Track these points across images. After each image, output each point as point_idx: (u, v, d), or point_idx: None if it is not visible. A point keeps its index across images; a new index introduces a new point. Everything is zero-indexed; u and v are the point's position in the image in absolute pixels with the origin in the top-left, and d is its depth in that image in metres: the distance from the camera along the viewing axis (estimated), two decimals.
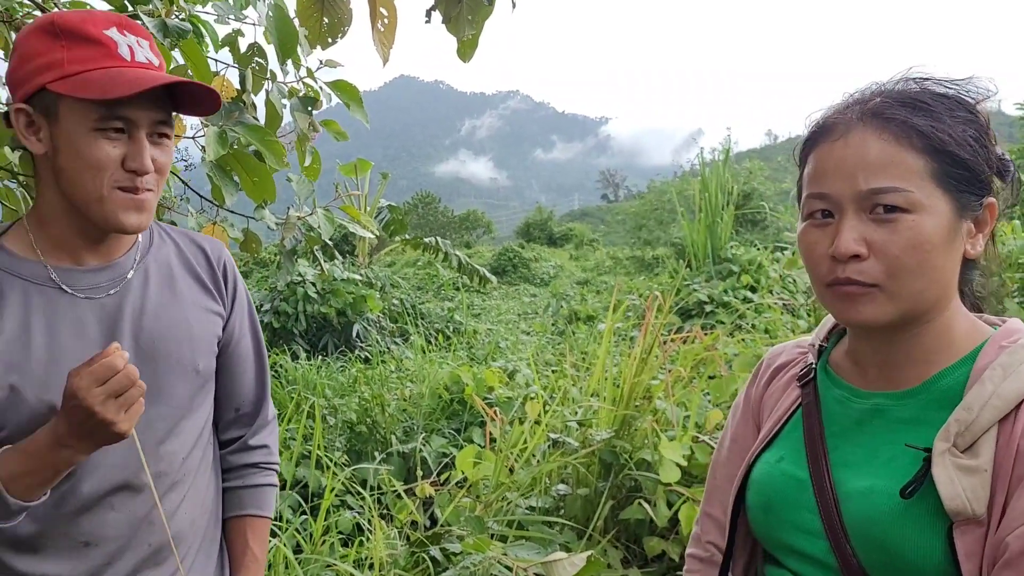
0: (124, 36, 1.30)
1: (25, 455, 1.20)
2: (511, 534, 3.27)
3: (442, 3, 1.96)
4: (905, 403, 1.04)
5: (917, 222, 0.97)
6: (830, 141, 1.04)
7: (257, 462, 1.64)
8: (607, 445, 3.46)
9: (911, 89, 1.04)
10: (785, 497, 1.12)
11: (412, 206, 48.05)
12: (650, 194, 28.28)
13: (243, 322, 1.61)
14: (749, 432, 1.28)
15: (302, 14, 2.08)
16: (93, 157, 1.26)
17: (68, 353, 1.30)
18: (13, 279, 1.31)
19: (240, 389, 1.61)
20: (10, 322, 1.28)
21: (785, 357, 1.29)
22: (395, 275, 15.30)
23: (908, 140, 0.98)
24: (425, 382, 6.00)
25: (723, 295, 8.80)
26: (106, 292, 1.37)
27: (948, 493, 0.92)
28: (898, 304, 1.00)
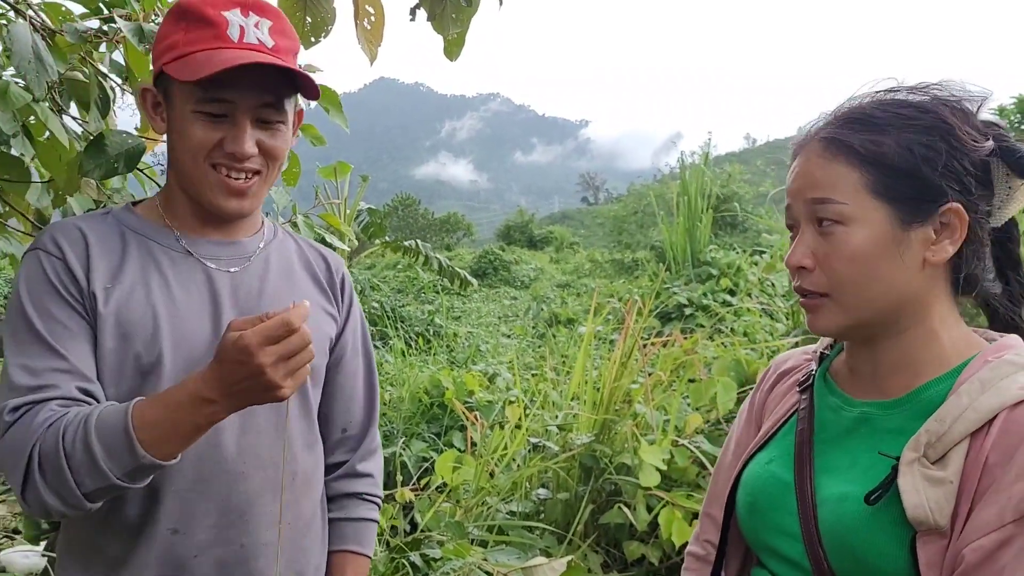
0: (243, 16, 1.28)
1: (163, 406, 1.12)
2: (491, 539, 3.27)
3: (427, 1, 1.95)
4: (891, 413, 1.06)
5: (849, 234, 1.01)
6: (795, 159, 1.10)
7: (361, 492, 1.58)
8: (587, 449, 3.47)
9: (865, 104, 1.06)
10: (769, 498, 1.14)
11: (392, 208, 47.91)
12: (630, 197, 28.42)
13: (356, 340, 1.57)
14: (751, 436, 1.30)
15: (284, 12, 2.07)
16: (190, 139, 1.26)
17: (185, 311, 1.29)
18: (140, 238, 1.33)
19: (349, 408, 1.57)
20: (130, 275, 1.28)
21: (791, 363, 1.32)
22: (375, 278, 15.26)
23: (844, 156, 1.03)
24: (405, 386, 5.99)
25: (702, 298, 8.84)
26: (230, 267, 1.38)
27: (912, 502, 0.94)
28: (848, 313, 1.04)
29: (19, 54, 1.63)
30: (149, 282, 1.29)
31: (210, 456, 1.28)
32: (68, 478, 1.10)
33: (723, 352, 4.64)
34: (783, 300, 7.27)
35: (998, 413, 0.94)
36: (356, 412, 1.58)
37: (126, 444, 1.10)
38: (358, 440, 1.59)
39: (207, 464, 1.28)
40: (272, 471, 1.34)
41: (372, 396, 1.61)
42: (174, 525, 1.27)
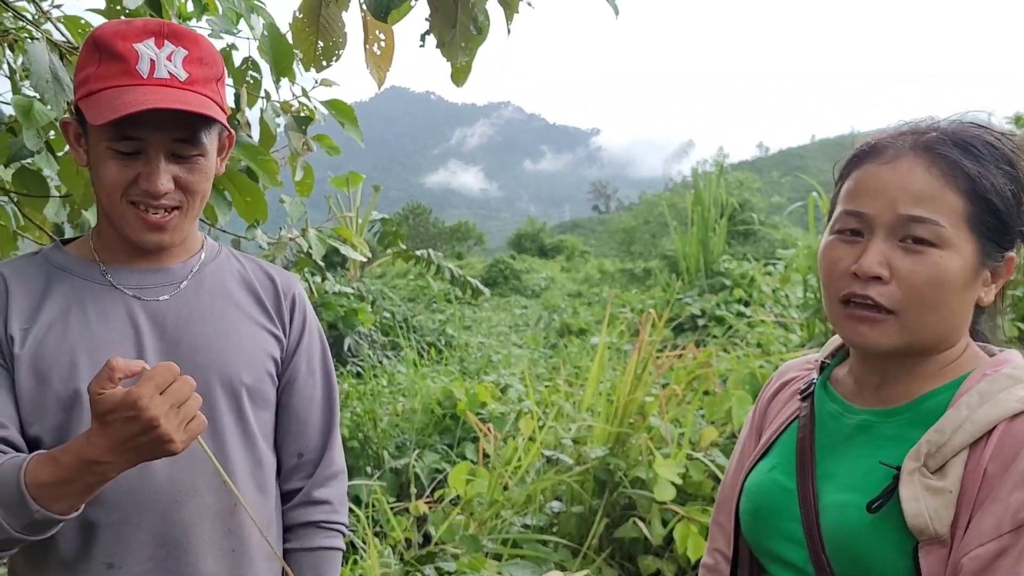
0: (156, 47, 1.25)
1: (55, 466, 1.11)
2: (506, 552, 3.26)
3: (436, 27, 1.95)
4: (890, 420, 1.07)
5: (943, 258, 0.99)
6: (877, 163, 1.05)
7: (319, 520, 1.51)
8: (601, 462, 3.46)
9: (966, 131, 1.05)
10: (773, 505, 1.15)
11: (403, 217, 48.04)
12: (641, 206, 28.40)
13: (311, 362, 1.53)
14: (754, 445, 1.31)
15: (297, 36, 2.08)
16: (105, 177, 1.25)
17: (104, 344, 1.27)
18: (64, 275, 1.32)
19: (304, 432, 1.51)
20: (49, 313, 1.28)
21: (793, 372, 1.32)
22: (386, 287, 15.28)
23: (953, 179, 1.00)
24: (417, 397, 5.99)
25: (716, 309, 8.81)
26: (156, 296, 1.35)
27: (912, 511, 0.95)
28: (907, 335, 1.03)
29: (37, 73, 1.65)
30: (68, 319, 1.28)
31: (141, 487, 1.25)
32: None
33: (737, 365, 4.62)
34: (798, 311, 7.23)
35: (996, 425, 0.96)
36: (312, 436, 1.52)
37: (20, 501, 1.10)
38: (314, 465, 1.53)
39: (138, 495, 1.26)
40: (210, 498, 1.30)
41: (330, 419, 1.56)
42: (109, 559, 1.25)
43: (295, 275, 1.57)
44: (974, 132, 1.05)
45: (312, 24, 2.09)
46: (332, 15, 2.09)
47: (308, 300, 1.56)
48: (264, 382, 1.42)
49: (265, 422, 1.45)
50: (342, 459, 1.60)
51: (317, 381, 1.54)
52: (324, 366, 1.56)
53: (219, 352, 1.35)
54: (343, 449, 1.64)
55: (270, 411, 1.46)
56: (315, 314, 1.58)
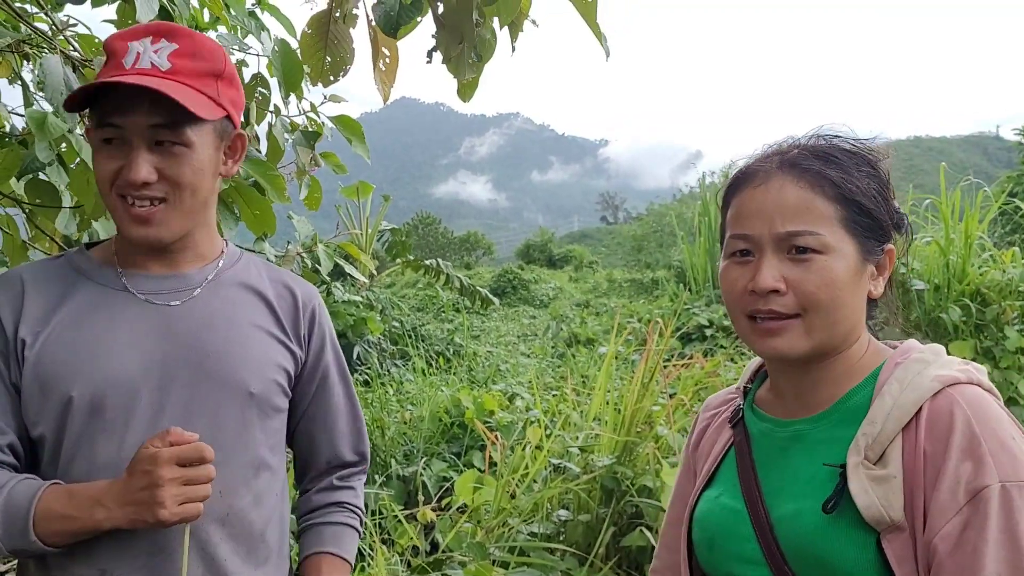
0: (148, 44, 1.27)
1: (68, 499, 1.19)
2: (513, 560, 3.27)
3: (442, 44, 1.98)
4: (819, 425, 1.12)
5: (828, 262, 1.07)
6: (751, 187, 1.14)
7: (341, 500, 1.57)
8: (609, 471, 3.47)
9: (822, 144, 1.15)
10: (726, 530, 1.18)
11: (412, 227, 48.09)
12: (649, 216, 28.39)
13: (333, 373, 1.56)
14: (691, 483, 1.34)
15: (305, 52, 2.11)
16: (96, 171, 1.28)
17: (110, 348, 1.29)
18: (81, 279, 1.35)
19: (334, 440, 1.57)
20: (61, 317, 1.30)
21: (714, 408, 1.38)
22: (395, 296, 15.31)
23: (821, 188, 1.09)
24: (425, 405, 6.00)
25: (724, 319, 8.81)
26: (169, 300, 1.36)
27: (864, 503, 0.99)
28: (813, 336, 1.09)
29: (51, 86, 1.68)
30: (80, 324, 1.30)
31: None
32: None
33: None
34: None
35: (921, 406, 1.02)
36: (342, 444, 1.58)
37: (23, 528, 1.18)
38: (343, 466, 1.60)
39: None
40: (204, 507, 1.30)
41: (356, 423, 1.61)
42: (103, 565, 1.27)
43: (313, 286, 1.57)
44: (832, 143, 1.15)
45: (320, 39, 2.12)
46: (340, 31, 2.12)
47: (326, 310, 1.58)
48: (273, 392, 1.43)
49: (273, 431, 1.45)
50: (367, 451, 1.65)
51: (339, 389, 1.58)
52: (341, 371, 1.59)
53: (227, 359, 1.36)
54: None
55: (279, 420, 1.47)
56: (330, 321, 1.60)
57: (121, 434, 1.27)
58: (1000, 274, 5.50)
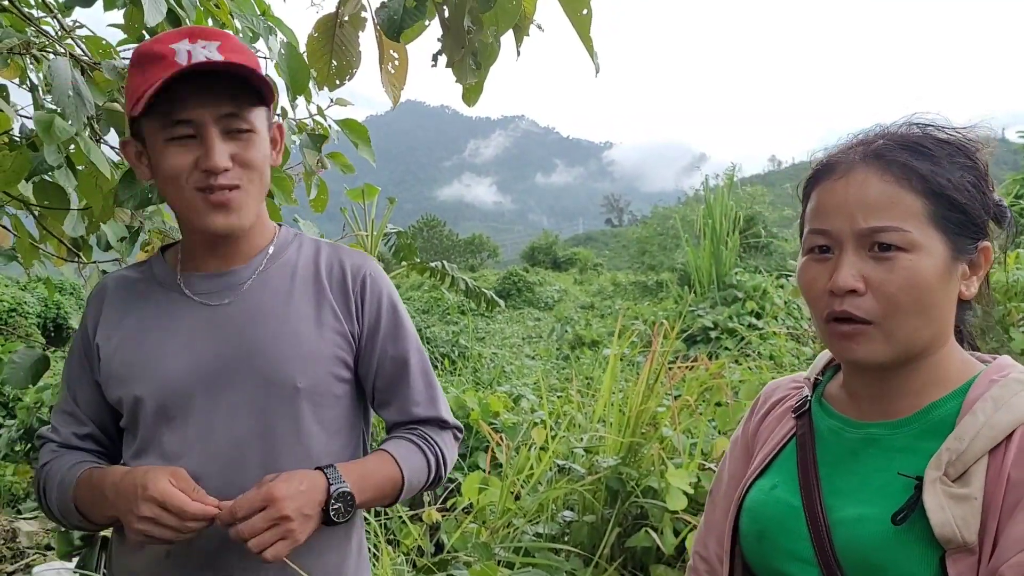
0: (193, 44, 1.29)
1: (90, 487, 1.33)
2: (518, 560, 3.27)
3: (447, 48, 2.00)
4: (898, 433, 1.07)
5: (914, 261, 1.00)
6: (832, 179, 1.07)
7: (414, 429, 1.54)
8: (613, 472, 3.47)
9: (913, 133, 1.07)
10: (779, 524, 1.13)
11: (417, 230, 48.17)
12: (654, 219, 28.38)
13: (398, 334, 1.52)
14: (745, 467, 1.29)
15: (311, 56, 2.13)
16: (168, 167, 1.29)
17: (171, 352, 1.36)
18: (154, 284, 1.43)
19: (406, 407, 1.54)
20: (133, 321, 1.40)
21: (781, 392, 1.32)
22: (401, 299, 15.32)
23: (908, 182, 1.02)
24: None
25: (728, 321, 8.81)
26: (221, 299, 1.40)
27: (938, 520, 0.94)
28: (893, 343, 1.03)
29: (59, 89, 1.69)
30: (143, 327, 1.39)
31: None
32: (46, 509, 1.42)
33: (750, 376, 4.63)
34: (810, 324, 7.23)
35: (1015, 429, 0.96)
36: (415, 409, 1.54)
37: (72, 510, 1.36)
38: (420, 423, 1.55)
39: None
40: None
41: (431, 394, 1.57)
42: (169, 547, 1.33)
43: (365, 254, 1.56)
44: (922, 132, 1.07)
45: (327, 43, 2.13)
46: (347, 35, 2.13)
47: (382, 274, 1.54)
48: (325, 383, 1.43)
49: (332, 419, 1.46)
50: (446, 417, 1.60)
51: (411, 352, 1.54)
52: (403, 337, 1.54)
53: (273, 356, 1.38)
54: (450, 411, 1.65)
55: (341, 405, 1.47)
56: (391, 285, 1.56)
57: (183, 431, 1.35)
58: (1006, 276, 5.49)
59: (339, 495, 1.30)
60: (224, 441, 1.35)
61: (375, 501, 1.42)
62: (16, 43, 2.01)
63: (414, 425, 1.54)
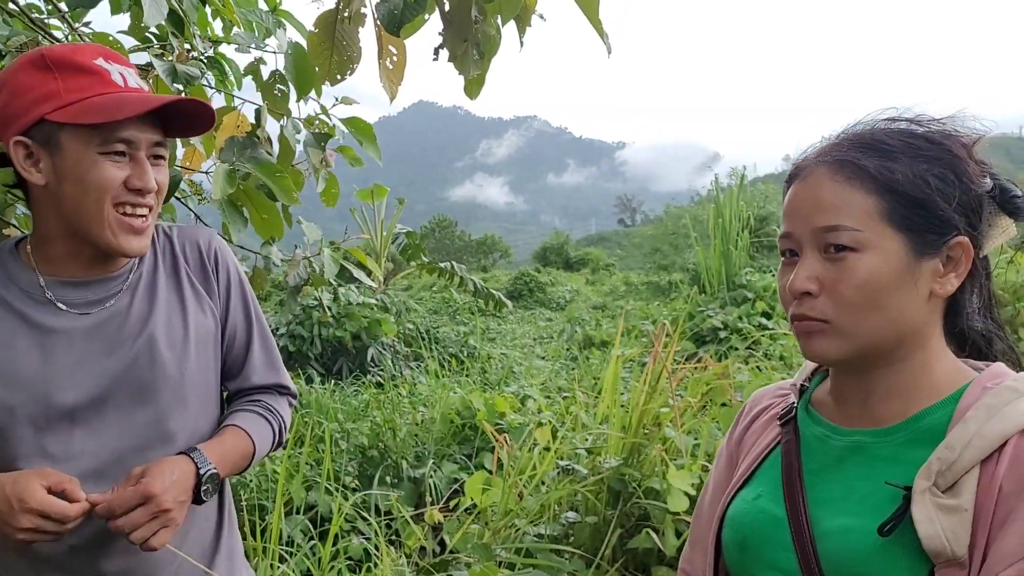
0: (111, 64, 1.34)
1: None
2: (519, 561, 3.27)
3: (449, 41, 2.00)
4: (885, 440, 1.04)
5: (863, 261, 0.99)
6: (796, 183, 1.08)
7: (257, 400, 1.60)
8: (616, 473, 3.46)
9: (875, 130, 1.06)
10: (761, 535, 1.11)
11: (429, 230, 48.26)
12: (666, 219, 28.32)
13: (245, 309, 1.59)
14: (730, 476, 1.26)
15: (312, 51, 2.14)
16: (98, 179, 1.29)
17: (49, 363, 1.35)
18: (11, 287, 1.38)
19: (250, 370, 1.60)
20: (4, 327, 1.35)
21: (767, 400, 1.29)
22: (411, 299, 15.36)
23: (859, 180, 1.00)
24: (437, 407, 6.02)
25: (737, 322, 8.78)
26: (99, 307, 1.40)
27: (927, 532, 0.91)
28: (849, 340, 1.02)
29: None
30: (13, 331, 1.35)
31: None
32: None
33: (757, 376, 4.61)
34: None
35: (1008, 440, 0.93)
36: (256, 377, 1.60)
37: None
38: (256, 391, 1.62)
39: None
40: None
41: (270, 353, 1.63)
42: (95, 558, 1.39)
43: (210, 229, 1.63)
44: (884, 127, 1.05)
45: (327, 39, 2.14)
46: (347, 30, 2.14)
47: (226, 245, 1.60)
48: (209, 363, 1.51)
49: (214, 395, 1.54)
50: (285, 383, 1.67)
51: (255, 327, 1.61)
52: (255, 310, 1.62)
53: (158, 351, 1.42)
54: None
55: (216, 383, 1.55)
56: (236, 260, 1.63)
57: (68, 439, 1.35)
58: (1016, 275, 5.43)
59: (208, 476, 1.37)
60: (118, 441, 1.37)
61: (233, 474, 1.50)
62: (24, 41, 2.02)
63: (254, 393, 1.61)
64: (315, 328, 9.73)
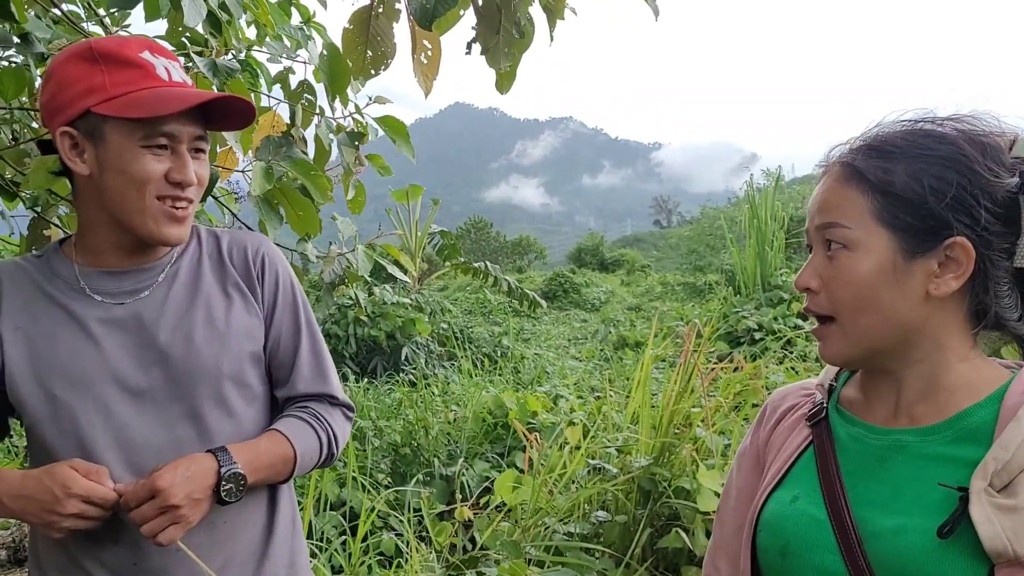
0: (157, 58, 1.37)
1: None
2: (548, 559, 3.28)
3: (481, 35, 2.01)
4: (928, 440, 1.03)
5: (852, 258, 1.03)
6: (818, 182, 1.12)
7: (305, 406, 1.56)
8: (646, 472, 3.46)
9: (882, 131, 1.06)
10: (804, 538, 1.08)
11: (465, 231, 48.39)
12: (703, 220, 28.16)
13: (294, 316, 1.57)
14: (756, 479, 1.25)
15: (347, 47, 2.16)
16: (140, 172, 1.33)
17: (87, 352, 1.38)
18: (55, 280, 1.42)
19: (297, 377, 1.56)
20: (37, 314, 1.39)
21: (791, 400, 1.27)
22: (446, 299, 15.42)
23: (856, 181, 1.03)
24: (469, 406, 6.04)
25: (772, 322, 8.70)
26: (135, 296, 1.43)
27: (987, 533, 0.90)
28: (851, 340, 1.05)
29: None
30: (55, 322, 1.39)
31: None
32: None
33: (791, 378, 4.57)
34: None
35: None
36: (304, 385, 1.56)
37: None
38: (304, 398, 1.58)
39: None
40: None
41: (321, 363, 1.59)
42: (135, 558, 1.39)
43: (263, 236, 1.63)
44: (900, 128, 1.05)
45: (362, 35, 2.17)
46: (381, 26, 2.16)
47: (279, 252, 1.60)
48: (247, 362, 1.48)
49: (255, 396, 1.51)
50: (340, 394, 1.62)
51: (303, 335, 1.57)
52: (307, 315, 1.59)
53: (194, 344, 1.42)
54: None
55: (260, 385, 1.52)
56: (287, 263, 1.62)
57: (105, 430, 1.36)
58: None
59: (230, 476, 1.34)
60: (154, 435, 1.38)
61: (269, 480, 1.46)
62: (66, 43, 2.08)
63: (303, 402, 1.57)
64: (350, 327, 9.82)
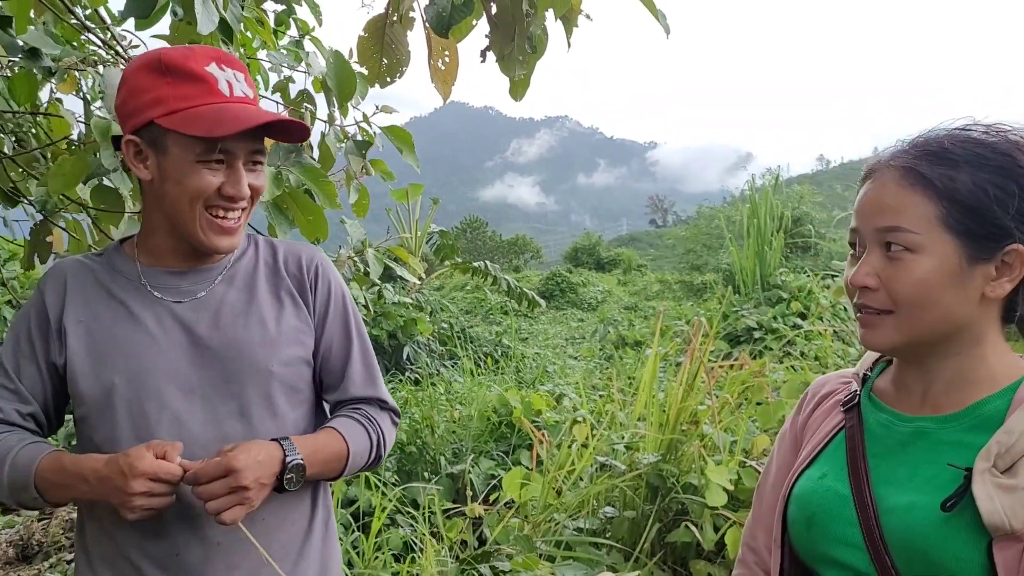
0: (223, 71, 1.40)
1: (61, 471, 1.35)
2: (559, 554, 3.32)
3: (496, 43, 2.05)
4: (947, 426, 1.12)
5: (918, 262, 1.08)
6: (867, 183, 1.16)
7: (357, 407, 1.62)
8: (654, 469, 3.51)
9: (944, 138, 1.12)
10: (828, 511, 1.19)
11: (461, 231, 48.33)
12: (699, 219, 28.19)
13: (345, 325, 1.62)
14: (794, 458, 1.35)
15: (362, 55, 2.19)
16: (195, 186, 1.38)
17: (144, 345, 1.43)
18: (117, 277, 1.48)
19: (349, 382, 1.61)
20: (99, 309, 1.45)
21: (830, 387, 1.38)
22: (444, 299, 15.44)
23: (921, 187, 1.08)
24: (474, 404, 6.07)
25: (772, 322, 8.75)
26: (192, 296, 1.49)
27: (987, 508, 0.99)
28: (904, 332, 1.12)
29: (112, 97, 1.78)
30: (116, 317, 1.44)
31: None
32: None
33: (793, 375, 4.62)
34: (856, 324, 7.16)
35: None
36: (356, 389, 1.62)
37: (26, 486, 1.36)
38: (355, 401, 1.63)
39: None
40: None
41: (371, 368, 1.65)
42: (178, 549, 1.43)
43: (316, 247, 1.70)
44: (953, 136, 1.11)
45: (377, 43, 2.19)
46: (396, 34, 2.18)
47: (331, 264, 1.66)
48: (295, 365, 1.54)
49: (302, 400, 1.56)
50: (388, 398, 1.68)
51: (354, 342, 1.63)
52: (358, 326, 1.65)
53: (248, 345, 1.47)
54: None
55: (307, 389, 1.58)
56: (340, 278, 1.67)
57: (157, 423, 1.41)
58: None
59: (293, 466, 1.39)
60: (203, 431, 1.43)
61: (323, 475, 1.51)
62: (75, 60, 2.11)
63: (355, 404, 1.63)
64: None
